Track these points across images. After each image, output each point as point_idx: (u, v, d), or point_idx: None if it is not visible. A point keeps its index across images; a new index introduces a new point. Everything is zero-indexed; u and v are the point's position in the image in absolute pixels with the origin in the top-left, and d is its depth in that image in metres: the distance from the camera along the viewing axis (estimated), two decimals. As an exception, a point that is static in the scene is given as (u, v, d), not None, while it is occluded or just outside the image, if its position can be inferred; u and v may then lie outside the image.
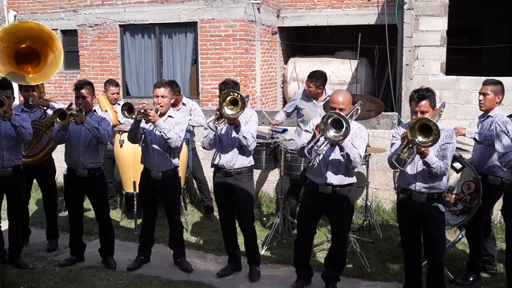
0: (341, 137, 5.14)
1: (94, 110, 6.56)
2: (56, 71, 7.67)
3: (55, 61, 7.53)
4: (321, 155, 5.53)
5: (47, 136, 7.10)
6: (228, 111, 5.68)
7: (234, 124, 5.87)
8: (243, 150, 6.11)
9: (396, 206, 5.71)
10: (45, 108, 7.05)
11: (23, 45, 7.42)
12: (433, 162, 5.06)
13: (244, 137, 5.92)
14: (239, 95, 5.66)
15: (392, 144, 5.42)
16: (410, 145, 5.01)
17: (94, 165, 6.45)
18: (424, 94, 5.17)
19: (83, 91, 6.38)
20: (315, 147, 5.36)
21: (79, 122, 6.19)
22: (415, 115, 5.17)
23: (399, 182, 5.50)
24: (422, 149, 4.96)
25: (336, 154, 5.53)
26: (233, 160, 6.14)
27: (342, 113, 5.20)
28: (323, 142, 5.31)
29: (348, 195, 5.68)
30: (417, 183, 5.28)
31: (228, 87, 6.07)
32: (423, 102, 5.15)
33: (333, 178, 5.58)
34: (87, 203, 6.79)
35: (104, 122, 6.39)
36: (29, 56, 7.51)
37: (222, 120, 5.85)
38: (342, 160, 5.48)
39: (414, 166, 5.29)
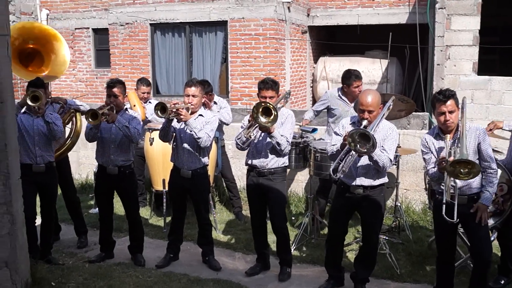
0: (365, 150, 5.11)
1: (126, 109, 6.61)
2: (64, 69, 7.78)
3: (60, 60, 7.61)
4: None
5: (65, 132, 7.21)
6: (263, 119, 5.68)
7: (267, 131, 5.87)
8: (277, 151, 6.09)
9: (433, 208, 5.60)
10: (62, 103, 7.12)
11: (27, 46, 7.51)
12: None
13: (277, 143, 5.90)
14: (271, 106, 5.66)
15: (425, 159, 5.36)
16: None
17: (124, 162, 6.51)
18: (449, 93, 5.08)
19: (115, 89, 6.45)
20: (343, 164, 5.33)
21: (110, 121, 6.26)
22: (443, 116, 5.09)
23: (437, 186, 5.41)
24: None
25: (366, 158, 5.48)
26: (267, 160, 6.13)
27: (368, 131, 5.15)
28: (352, 154, 5.29)
29: (380, 195, 5.63)
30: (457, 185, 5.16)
31: (267, 86, 6.05)
32: (450, 102, 5.05)
33: (364, 180, 5.54)
34: (117, 200, 6.84)
35: (135, 121, 6.44)
36: (31, 56, 7.59)
37: (255, 127, 5.87)
38: (372, 164, 5.45)
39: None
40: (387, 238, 7.08)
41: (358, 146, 5.10)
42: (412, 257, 6.85)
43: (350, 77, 7.49)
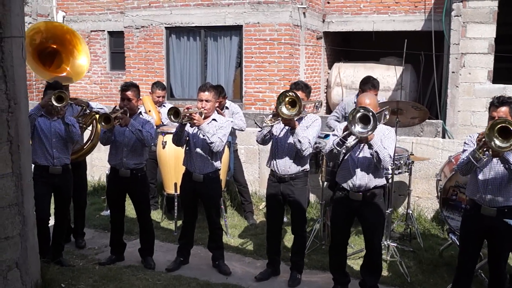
0: (369, 132, 5.06)
1: (140, 112, 6.64)
2: (84, 71, 7.79)
3: (79, 62, 7.63)
4: (349, 154, 5.46)
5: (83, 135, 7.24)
6: (285, 110, 5.64)
7: (290, 125, 5.84)
8: (298, 157, 6.06)
9: (462, 218, 5.57)
10: (84, 106, 7.16)
11: (47, 45, 7.53)
12: None
13: (299, 140, 5.85)
14: (297, 97, 5.62)
15: (464, 150, 5.27)
16: (486, 148, 4.80)
17: (136, 165, 6.53)
18: (505, 100, 5.04)
19: (129, 93, 6.47)
20: (345, 141, 5.27)
21: (123, 124, 6.29)
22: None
23: (468, 192, 5.36)
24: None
25: (365, 153, 5.48)
26: (288, 165, 6.11)
27: (369, 107, 5.14)
28: (352, 137, 5.24)
29: (379, 200, 5.61)
30: (487, 194, 5.11)
31: (298, 87, 6.08)
32: (503, 108, 5.01)
33: (362, 179, 5.52)
34: (129, 203, 6.87)
35: (148, 125, 6.47)
36: (51, 56, 7.62)
37: (278, 119, 5.84)
38: (372, 158, 5.40)
39: (485, 175, 5.13)
40: (398, 245, 7.04)
41: (356, 127, 5.07)
42: (423, 265, 6.82)
43: (366, 83, 7.45)
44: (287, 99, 5.63)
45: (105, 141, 6.52)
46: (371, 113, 5.02)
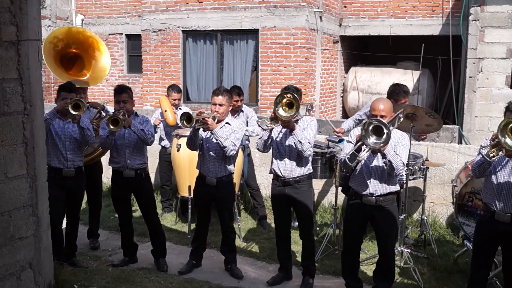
0: (381, 144, 5.03)
1: (136, 113, 6.65)
2: (104, 76, 7.85)
3: (101, 66, 7.69)
4: (363, 162, 5.42)
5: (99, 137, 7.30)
6: (282, 112, 5.63)
7: (289, 127, 5.82)
8: (301, 159, 6.04)
9: (476, 224, 5.50)
10: (100, 109, 7.21)
11: (69, 50, 7.60)
12: None
13: (299, 141, 5.83)
14: (295, 98, 5.61)
15: (479, 154, 5.19)
16: (499, 146, 4.70)
17: (140, 165, 6.58)
18: None
19: (124, 95, 6.49)
20: (357, 155, 5.24)
21: (126, 125, 6.32)
22: None
23: (484, 196, 5.27)
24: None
25: (378, 161, 5.43)
26: (291, 168, 6.09)
27: (383, 120, 5.12)
28: (364, 149, 5.21)
29: (392, 205, 5.56)
30: (501, 200, 5.00)
31: (288, 92, 6.04)
32: None
33: (376, 186, 5.48)
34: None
35: (147, 124, 6.55)
36: (73, 60, 7.68)
37: (277, 122, 5.83)
38: (385, 167, 5.37)
39: (499, 180, 5.03)
40: (412, 251, 6.99)
41: (370, 140, 5.04)
42: (437, 272, 6.75)
43: (399, 93, 7.30)
44: (284, 100, 5.62)
45: (108, 145, 6.49)
46: (384, 126, 4.99)
